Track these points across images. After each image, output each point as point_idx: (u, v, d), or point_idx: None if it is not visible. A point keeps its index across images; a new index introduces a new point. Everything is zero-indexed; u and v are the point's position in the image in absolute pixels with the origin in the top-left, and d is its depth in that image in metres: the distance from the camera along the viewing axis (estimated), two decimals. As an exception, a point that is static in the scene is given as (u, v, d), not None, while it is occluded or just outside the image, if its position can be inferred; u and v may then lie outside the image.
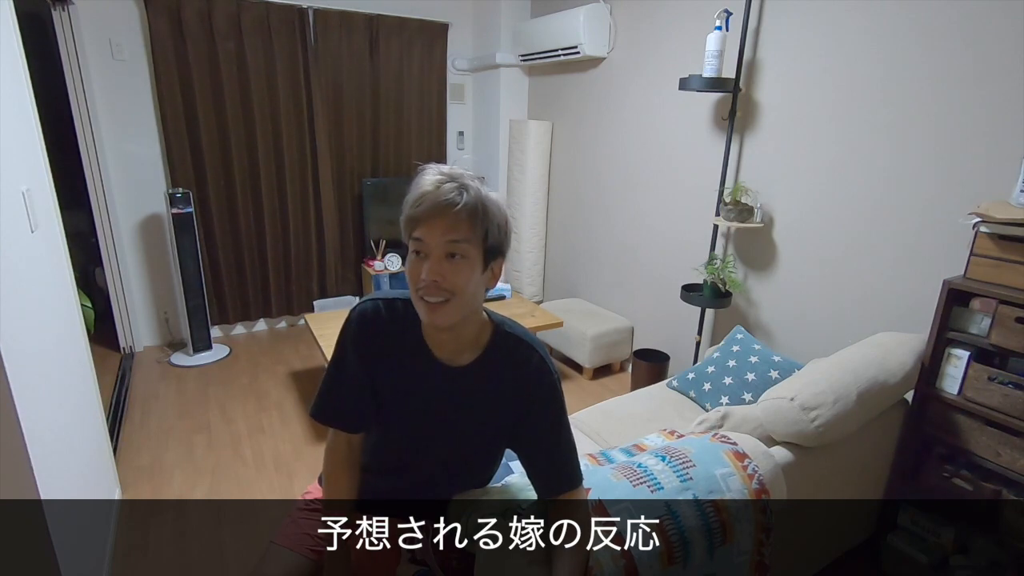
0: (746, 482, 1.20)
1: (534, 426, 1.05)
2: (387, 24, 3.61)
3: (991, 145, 1.76)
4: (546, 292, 4.11)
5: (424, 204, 0.89)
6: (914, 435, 1.77)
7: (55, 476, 1.36)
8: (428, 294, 0.91)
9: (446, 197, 0.89)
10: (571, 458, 1.07)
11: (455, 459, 1.12)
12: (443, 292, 0.91)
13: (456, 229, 0.90)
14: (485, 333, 1.04)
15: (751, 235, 2.56)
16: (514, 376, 1.03)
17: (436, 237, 0.90)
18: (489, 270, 0.97)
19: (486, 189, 0.95)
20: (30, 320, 1.36)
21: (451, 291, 0.91)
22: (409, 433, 1.10)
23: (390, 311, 1.04)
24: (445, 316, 0.93)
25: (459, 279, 0.91)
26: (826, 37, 2.15)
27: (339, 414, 1.10)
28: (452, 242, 0.90)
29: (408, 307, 1.01)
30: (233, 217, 3.46)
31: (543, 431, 1.06)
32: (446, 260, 0.91)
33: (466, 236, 0.90)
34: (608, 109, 3.26)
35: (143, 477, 2.27)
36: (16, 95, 1.56)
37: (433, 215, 0.89)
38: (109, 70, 3.03)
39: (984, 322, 1.60)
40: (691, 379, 2.25)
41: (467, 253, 0.91)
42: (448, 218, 0.89)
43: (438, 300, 0.91)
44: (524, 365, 1.03)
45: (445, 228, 0.89)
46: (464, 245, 0.91)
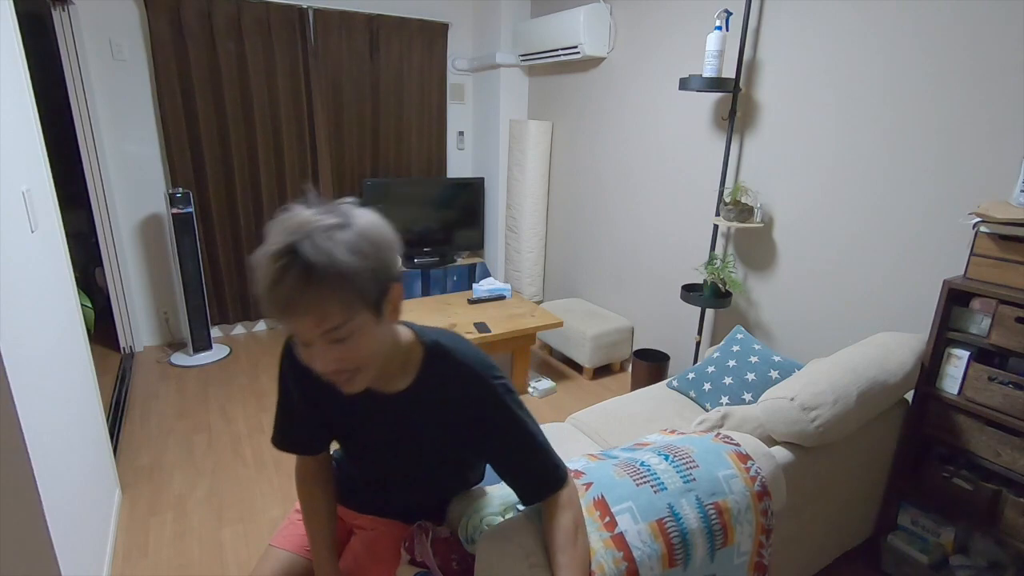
0: (748, 484, 1.20)
1: (493, 440, 0.99)
2: (387, 24, 3.61)
3: (991, 145, 1.76)
4: (546, 292, 4.11)
5: (269, 302, 0.73)
6: (914, 435, 1.77)
7: (55, 476, 1.36)
8: (334, 378, 0.82)
9: (287, 294, 0.72)
10: (544, 461, 1.00)
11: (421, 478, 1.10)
12: (348, 372, 0.82)
13: (325, 319, 0.74)
14: (415, 356, 0.95)
15: (751, 235, 2.56)
16: (455, 396, 0.95)
17: (308, 333, 0.76)
18: (386, 307, 0.82)
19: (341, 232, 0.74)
20: (30, 320, 1.36)
21: (354, 368, 0.82)
22: (368, 457, 1.09)
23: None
24: (360, 384, 0.85)
25: (359, 355, 0.80)
26: (826, 37, 2.15)
27: (294, 442, 1.08)
28: (328, 332, 0.75)
29: None
30: (233, 217, 3.46)
31: (505, 443, 0.99)
32: (333, 347, 0.77)
33: (341, 319, 0.75)
34: (608, 109, 3.26)
35: (143, 477, 2.27)
36: (16, 95, 1.56)
37: (293, 310, 0.73)
38: (109, 70, 3.03)
39: (984, 322, 1.60)
40: (691, 379, 2.25)
41: (352, 330, 0.77)
42: (305, 314, 0.73)
43: (346, 377, 0.83)
44: (462, 383, 0.95)
45: (311, 324, 0.74)
46: (344, 328, 0.76)
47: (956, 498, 1.68)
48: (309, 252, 0.71)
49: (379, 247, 0.77)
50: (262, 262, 0.73)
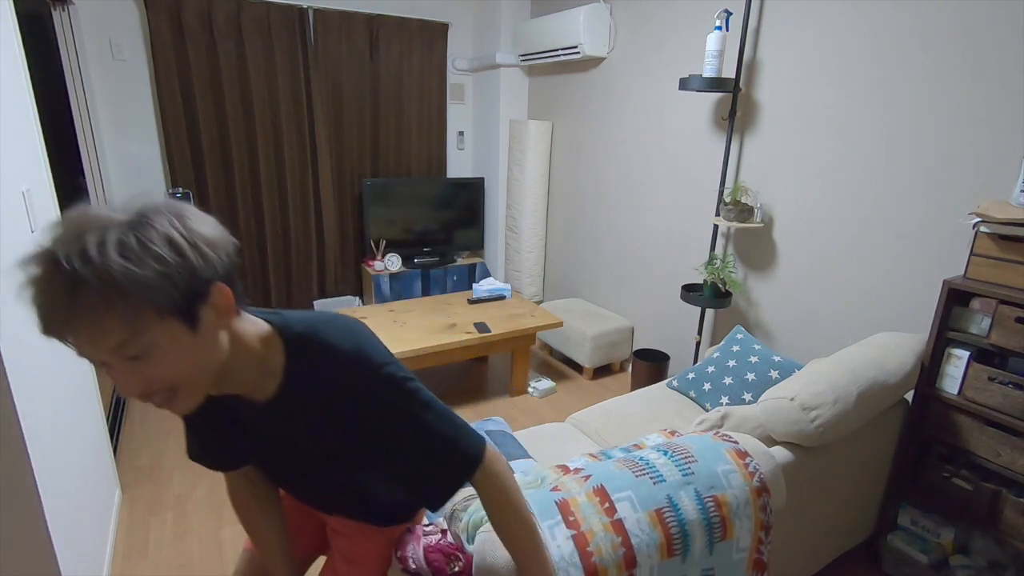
0: (747, 479, 1.20)
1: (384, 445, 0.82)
2: (387, 24, 3.61)
3: (991, 145, 1.76)
4: (546, 292, 4.11)
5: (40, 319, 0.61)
6: (914, 435, 1.77)
7: (55, 476, 1.36)
8: (149, 401, 0.68)
9: (48, 310, 0.59)
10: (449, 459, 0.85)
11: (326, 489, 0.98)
12: (161, 394, 0.67)
13: (102, 337, 0.60)
14: (274, 353, 0.78)
15: (751, 235, 2.56)
16: (329, 395, 0.79)
17: (91, 352, 0.62)
18: (206, 313, 0.67)
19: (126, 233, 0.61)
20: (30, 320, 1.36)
21: (169, 387, 0.67)
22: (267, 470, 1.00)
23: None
24: (186, 405, 0.70)
25: (166, 373, 0.66)
26: (826, 37, 2.16)
27: (201, 454, 0.98)
28: (116, 350, 0.62)
29: None
30: (233, 217, 3.46)
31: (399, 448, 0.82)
32: (130, 365, 0.64)
33: (124, 335, 0.61)
34: (608, 109, 3.26)
35: (143, 477, 2.27)
36: (16, 95, 1.56)
37: (62, 328, 0.60)
38: (109, 70, 3.03)
39: (984, 322, 1.60)
40: (691, 379, 2.25)
41: (146, 346, 0.63)
42: (76, 333, 0.60)
43: (162, 399, 0.68)
44: (335, 378, 0.78)
45: (87, 344, 0.61)
46: (136, 344, 0.62)
47: (956, 498, 1.68)
48: (74, 259, 0.58)
49: (183, 247, 0.64)
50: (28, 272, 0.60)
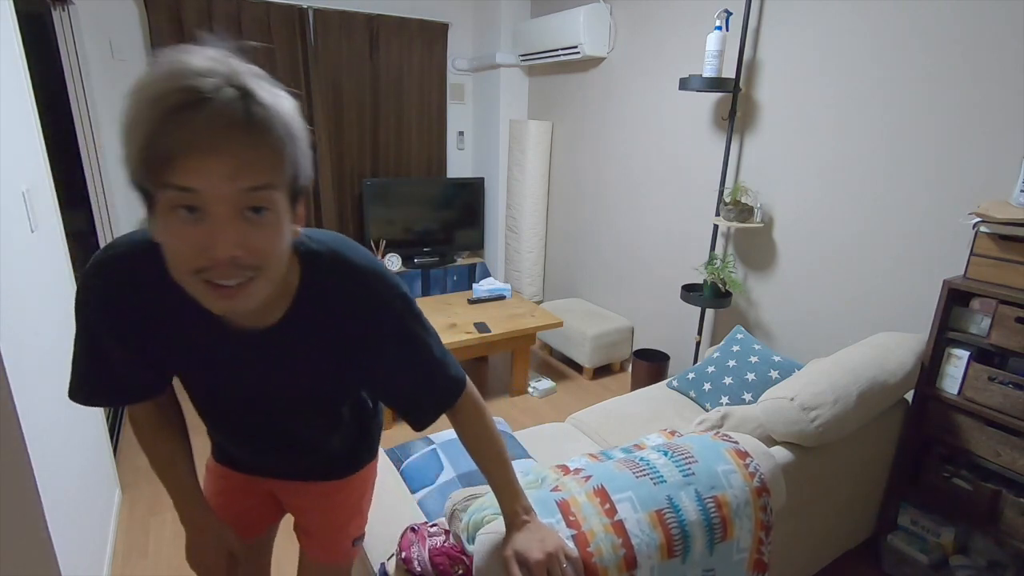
0: (747, 480, 1.20)
1: (386, 368, 0.82)
2: (387, 24, 3.61)
3: (991, 145, 1.76)
4: (546, 292, 4.11)
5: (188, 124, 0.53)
6: (914, 435, 1.77)
7: (55, 476, 1.36)
8: (223, 276, 0.59)
9: (229, 112, 0.54)
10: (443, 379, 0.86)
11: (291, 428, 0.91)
12: (246, 270, 0.60)
13: (255, 168, 0.56)
14: (292, 273, 0.73)
15: (751, 235, 2.56)
16: (341, 319, 0.75)
17: (222, 183, 0.55)
18: (296, 211, 0.66)
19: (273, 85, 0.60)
20: (30, 320, 1.36)
21: (258, 265, 0.61)
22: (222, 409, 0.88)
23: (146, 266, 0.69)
24: (249, 300, 0.63)
25: (269, 244, 0.61)
26: (826, 37, 2.16)
27: (105, 391, 0.82)
28: (252, 191, 0.57)
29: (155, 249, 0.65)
30: (233, 217, 3.46)
31: (400, 370, 0.83)
32: (241, 219, 0.58)
33: (271, 178, 0.58)
34: (608, 109, 3.26)
35: (143, 477, 2.27)
36: (16, 95, 1.56)
37: (211, 146, 0.54)
38: (109, 70, 3.03)
39: (984, 322, 1.60)
40: (691, 379, 2.25)
41: (274, 203, 0.60)
42: (238, 149, 0.55)
43: (236, 282, 0.60)
44: (352, 301, 0.75)
45: (235, 167, 0.55)
46: (269, 192, 0.59)
47: (956, 498, 1.68)
48: (256, 87, 0.56)
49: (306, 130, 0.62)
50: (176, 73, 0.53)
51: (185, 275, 0.60)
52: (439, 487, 1.62)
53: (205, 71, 0.54)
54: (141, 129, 0.54)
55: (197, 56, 0.56)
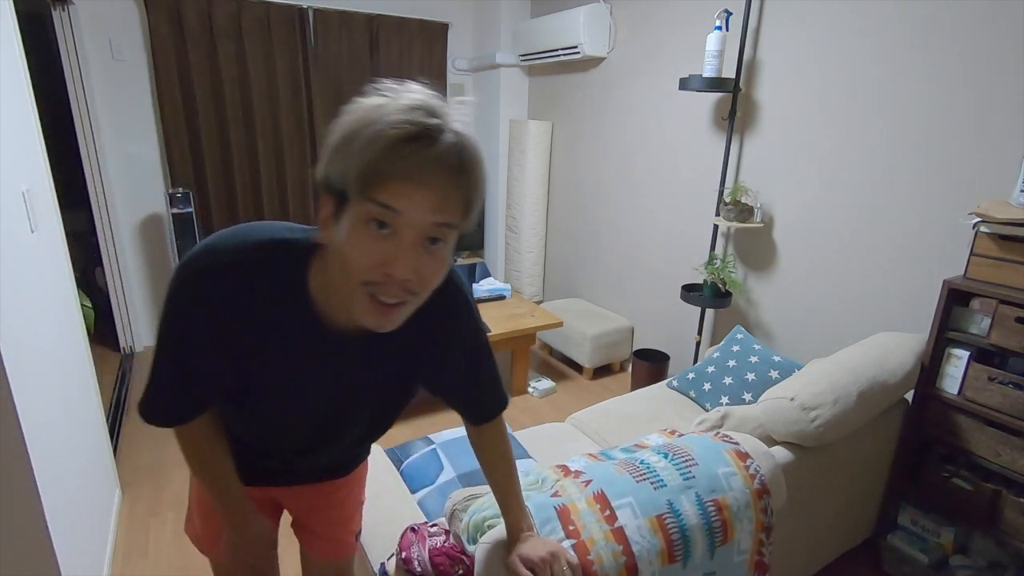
0: (748, 482, 1.20)
1: (456, 364, 0.89)
2: (387, 24, 3.61)
3: (991, 145, 1.76)
4: (546, 292, 4.11)
5: (413, 157, 0.59)
6: (914, 435, 1.77)
7: (55, 476, 1.36)
8: (388, 293, 0.64)
9: (447, 156, 0.60)
10: (498, 377, 0.97)
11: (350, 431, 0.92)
12: (407, 293, 0.65)
13: (449, 207, 0.62)
14: None
15: (751, 235, 2.56)
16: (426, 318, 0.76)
17: (422, 213, 0.61)
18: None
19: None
20: (30, 320, 1.36)
21: (417, 292, 0.66)
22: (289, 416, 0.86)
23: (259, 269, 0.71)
24: (398, 320, 0.68)
25: (434, 275, 0.66)
26: (826, 37, 2.15)
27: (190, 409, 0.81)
28: (440, 225, 0.62)
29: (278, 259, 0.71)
30: (233, 217, 3.45)
31: (467, 364, 0.90)
32: (422, 246, 0.63)
33: (459, 218, 0.64)
34: (608, 109, 3.26)
35: (143, 477, 2.27)
36: (16, 95, 1.56)
37: (424, 180, 0.60)
38: (109, 70, 3.03)
39: (984, 322, 1.60)
40: (691, 379, 2.25)
41: (449, 239, 0.65)
42: (445, 189, 0.61)
43: (397, 301, 0.65)
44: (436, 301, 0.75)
45: (437, 202, 0.61)
46: (451, 230, 0.64)
47: (956, 498, 1.68)
48: (470, 138, 0.62)
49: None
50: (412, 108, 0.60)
51: (355, 284, 0.64)
52: (439, 487, 1.62)
53: (436, 112, 0.61)
54: (369, 147, 0.59)
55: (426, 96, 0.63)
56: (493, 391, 0.97)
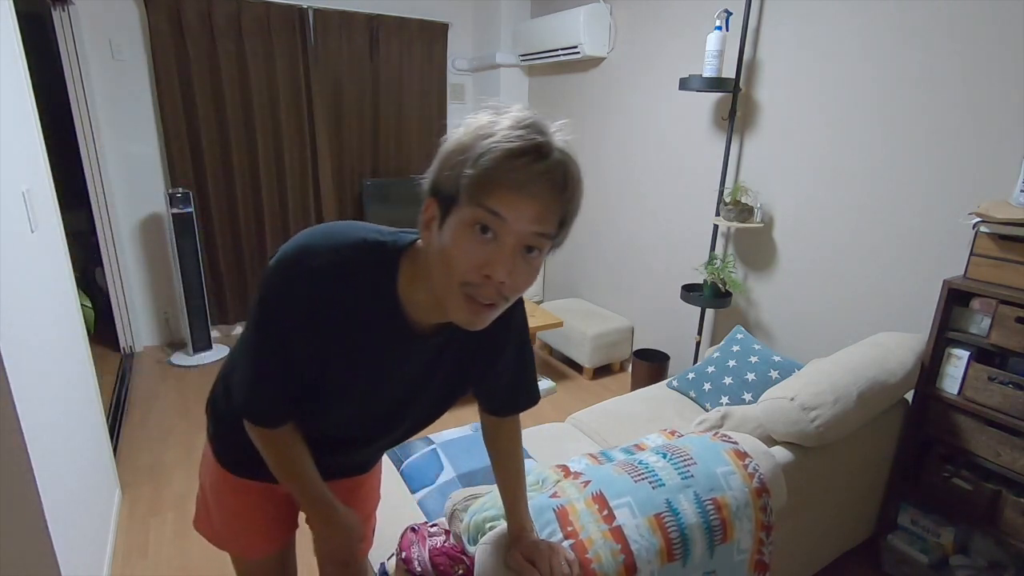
0: (747, 480, 1.20)
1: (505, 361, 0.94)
2: (387, 24, 3.60)
3: (991, 145, 1.76)
4: (546, 292, 4.11)
5: (525, 170, 0.64)
6: (914, 435, 1.77)
7: (55, 476, 1.36)
8: (484, 294, 0.68)
9: (555, 173, 0.65)
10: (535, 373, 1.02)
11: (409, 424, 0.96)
12: (499, 296, 0.69)
13: (548, 219, 0.67)
14: None
15: (751, 235, 2.56)
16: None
17: (525, 222, 0.65)
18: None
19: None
20: (30, 320, 1.36)
21: (508, 296, 0.70)
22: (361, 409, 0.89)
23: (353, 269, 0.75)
24: (488, 320, 0.72)
25: (526, 284, 0.70)
26: (826, 37, 2.15)
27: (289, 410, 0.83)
28: (538, 235, 0.67)
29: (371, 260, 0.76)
30: (233, 217, 3.46)
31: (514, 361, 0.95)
32: (519, 253, 0.67)
33: (555, 231, 0.69)
34: (608, 109, 3.26)
35: (143, 477, 2.27)
36: (16, 95, 1.56)
37: (533, 193, 0.64)
38: (109, 70, 3.03)
39: (984, 322, 1.60)
40: (691, 379, 2.25)
41: (543, 248, 0.69)
42: (548, 201, 0.66)
43: (490, 302, 0.69)
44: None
45: (539, 213, 0.65)
46: (546, 240, 0.69)
47: (956, 498, 1.68)
48: (571, 158, 0.68)
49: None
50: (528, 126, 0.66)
51: (453, 283, 0.68)
52: (439, 487, 1.62)
53: (545, 131, 0.67)
54: (483, 157, 0.63)
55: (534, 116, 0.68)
56: (529, 387, 1.01)
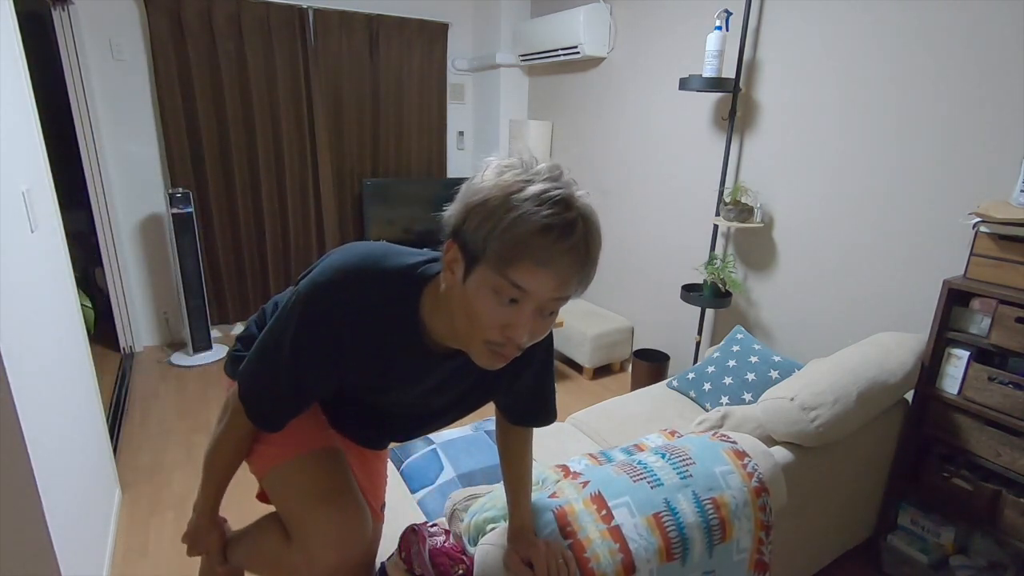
0: (745, 480, 1.20)
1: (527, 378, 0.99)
2: (387, 24, 3.61)
3: (991, 145, 1.76)
4: (546, 292, 4.10)
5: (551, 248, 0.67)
6: (914, 435, 1.77)
7: (55, 476, 1.36)
8: (506, 352, 0.74)
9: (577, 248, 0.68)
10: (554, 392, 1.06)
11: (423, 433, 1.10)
12: (520, 350, 0.75)
13: (568, 286, 0.71)
14: None
15: (751, 235, 2.56)
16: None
17: (547, 292, 0.70)
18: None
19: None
20: (30, 320, 1.36)
21: (525, 344, 0.75)
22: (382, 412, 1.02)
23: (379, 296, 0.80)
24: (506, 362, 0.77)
25: (543, 335, 0.77)
26: (826, 37, 2.16)
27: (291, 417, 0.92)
28: (557, 300, 0.72)
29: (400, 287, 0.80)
30: (233, 217, 3.46)
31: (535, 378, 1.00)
32: (539, 318, 0.73)
33: (572, 292, 0.73)
34: (608, 109, 3.26)
35: (143, 477, 2.27)
36: (16, 95, 1.56)
37: (556, 267, 0.68)
38: (109, 70, 3.03)
39: (984, 322, 1.60)
40: (691, 379, 2.25)
41: (560, 307, 0.75)
42: (570, 275, 0.70)
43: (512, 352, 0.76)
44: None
45: (560, 283, 0.70)
46: (564, 302, 0.74)
47: (956, 498, 1.68)
48: (593, 226, 0.71)
49: None
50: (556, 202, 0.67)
51: (476, 337, 0.73)
52: (439, 487, 1.62)
53: (572, 205, 0.68)
54: (510, 230, 0.66)
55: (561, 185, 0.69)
56: (548, 405, 1.06)
